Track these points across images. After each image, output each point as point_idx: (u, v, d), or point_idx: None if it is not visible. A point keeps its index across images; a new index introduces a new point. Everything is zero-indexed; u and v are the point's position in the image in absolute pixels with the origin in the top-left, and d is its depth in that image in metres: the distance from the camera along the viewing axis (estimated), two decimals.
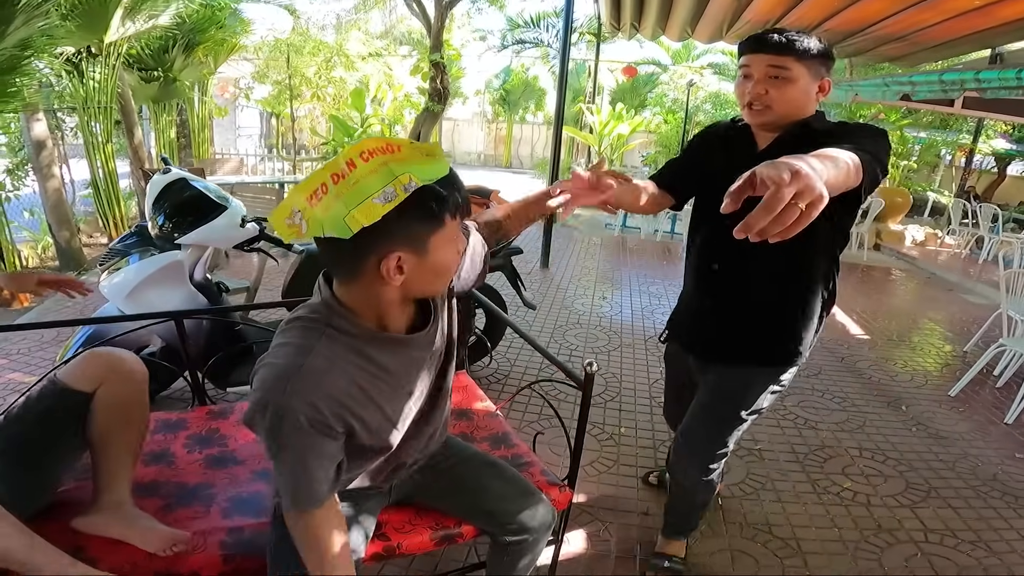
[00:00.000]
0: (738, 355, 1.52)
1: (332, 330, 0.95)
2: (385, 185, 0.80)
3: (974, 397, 3.46)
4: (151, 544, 1.11)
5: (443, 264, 0.94)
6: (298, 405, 0.88)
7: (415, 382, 1.08)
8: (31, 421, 1.18)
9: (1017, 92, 4.43)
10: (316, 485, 0.96)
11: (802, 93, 1.31)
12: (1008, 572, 1.96)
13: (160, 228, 2.12)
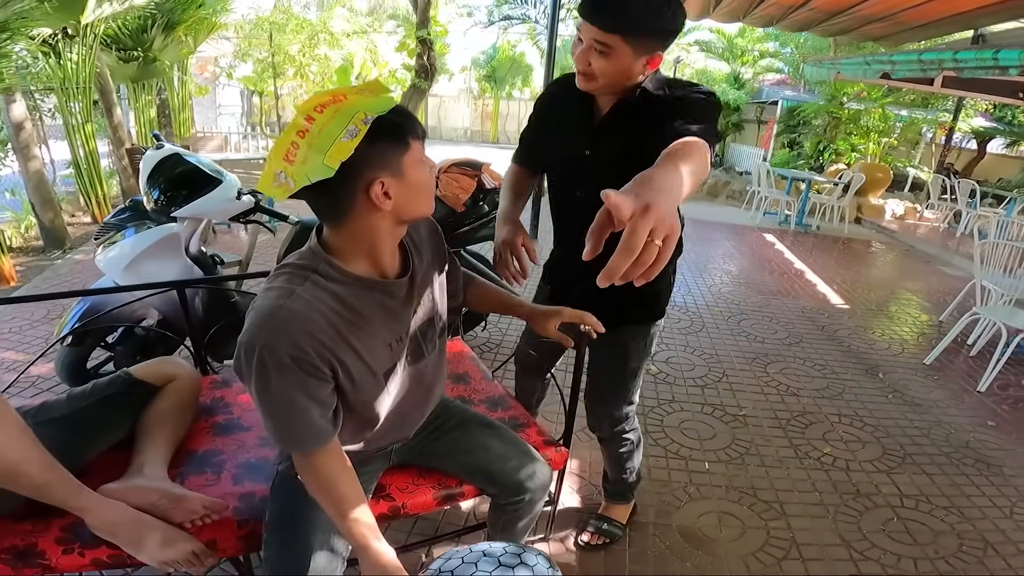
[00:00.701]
0: (620, 319, 1.56)
1: (316, 275, 1.01)
2: (346, 125, 0.89)
3: (948, 365, 3.59)
4: (182, 514, 1.15)
5: (420, 182, 1.01)
6: (281, 344, 0.93)
7: (390, 333, 1.11)
8: (96, 400, 1.31)
9: (994, 72, 4.51)
10: (313, 424, 1.00)
11: (624, 68, 1.27)
12: (980, 538, 2.04)
13: (155, 202, 2.13)
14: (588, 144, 1.42)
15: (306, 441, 1.02)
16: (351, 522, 1.03)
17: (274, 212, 2.27)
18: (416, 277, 1.15)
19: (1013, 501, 2.27)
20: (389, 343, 1.11)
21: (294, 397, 0.97)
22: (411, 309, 1.16)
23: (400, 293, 1.11)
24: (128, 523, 1.10)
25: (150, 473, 1.22)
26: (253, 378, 0.96)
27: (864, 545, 1.96)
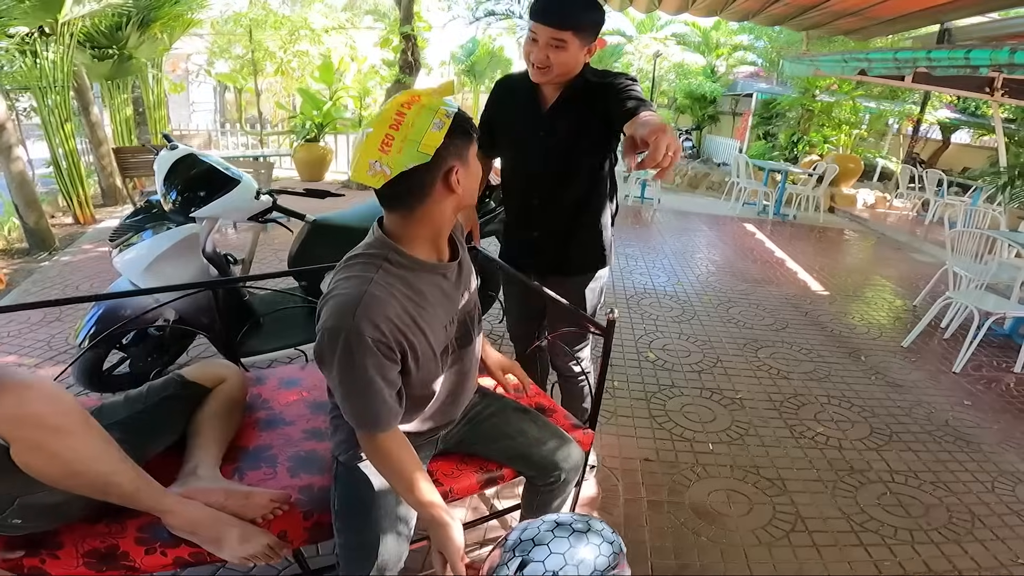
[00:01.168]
0: (572, 268, 1.89)
1: (387, 263, 1.10)
2: (433, 119, 1.02)
3: (924, 348, 3.78)
4: (252, 510, 1.20)
5: (477, 172, 1.16)
6: (365, 328, 1.02)
7: (446, 314, 1.21)
8: (155, 402, 1.36)
9: (965, 70, 4.72)
10: (384, 407, 1.09)
11: (574, 58, 1.61)
12: (968, 511, 2.18)
13: (173, 203, 2.15)
14: (542, 127, 1.73)
15: (381, 420, 1.10)
16: (422, 500, 1.11)
17: (291, 211, 2.31)
18: (463, 263, 1.27)
19: (993, 476, 2.41)
20: (445, 324, 1.21)
21: (373, 378, 1.05)
22: (460, 291, 1.26)
23: (452, 276, 1.22)
24: (208, 521, 1.15)
25: (205, 474, 1.26)
26: (337, 361, 1.04)
27: (863, 518, 2.10)
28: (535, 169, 1.79)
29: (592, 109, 1.65)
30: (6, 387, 0.96)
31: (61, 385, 1.06)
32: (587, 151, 1.74)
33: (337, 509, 1.24)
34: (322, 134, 7.95)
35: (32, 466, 0.98)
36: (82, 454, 1.02)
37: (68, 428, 1.01)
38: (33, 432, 0.97)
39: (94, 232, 5.15)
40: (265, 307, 2.61)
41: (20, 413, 0.96)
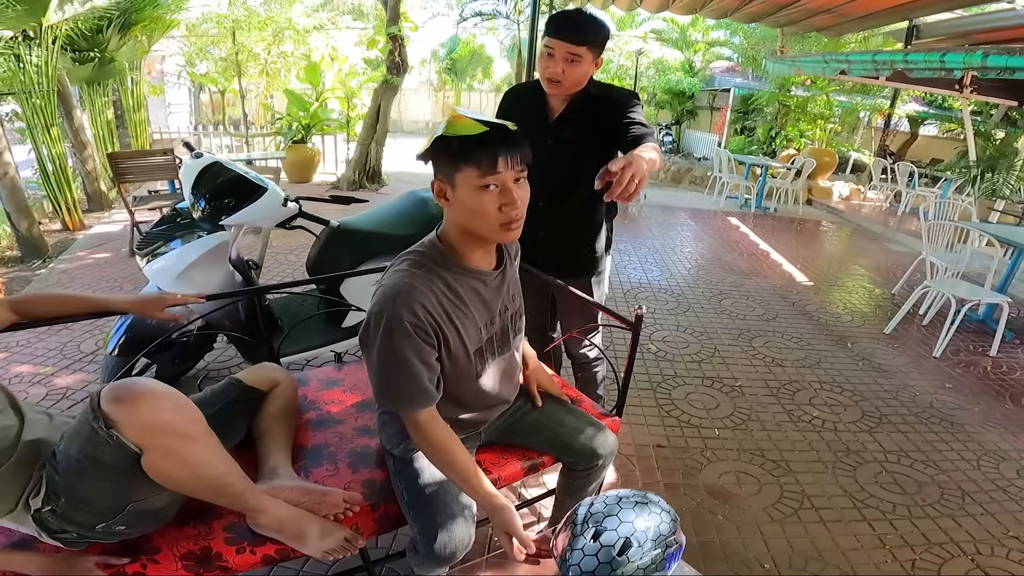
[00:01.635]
0: (579, 268, 2.04)
1: (431, 262, 1.22)
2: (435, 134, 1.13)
3: (905, 334, 3.99)
4: (327, 508, 1.28)
5: (468, 202, 1.14)
6: (403, 312, 1.14)
7: (483, 317, 1.31)
8: (220, 407, 1.43)
9: (940, 72, 4.97)
10: (422, 385, 1.18)
11: (586, 71, 1.76)
12: (957, 488, 2.34)
13: (202, 211, 2.20)
14: (549, 136, 1.85)
15: (415, 399, 1.19)
16: (476, 487, 1.23)
17: (315, 217, 2.38)
18: (506, 273, 1.37)
19: (978, 455, 2.58)
20: (479, 326, 1.31)
21: (411, 359, 1.16)
22: (500, 299, 1.36)
23: (492, 283, 1.32)
24: (293, 519, 1.23)
25: (285, 474, 1.35)
26: (378, 341, 1.16)
27: (863, 495, 2.26)
28: (542, 175, 1.81)
29: (595, 121, 1.80)
30: (140, 396, 1.02)
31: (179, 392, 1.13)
32: (591, 159, 1.81)
33: (407, 500, 1.33)
34: (309, 135, 7.93)
35: (163, 471, 1.04)
36: (207, 457, 1.10)
37: (197, 435, 1.08)
38: (168, 439, 1.03)
39: (85, 239, 5.11)
40: (283, 310, 2.68)
41: (156, 421, 1.02)
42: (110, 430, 0.99)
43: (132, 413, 1.00)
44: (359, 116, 8.51)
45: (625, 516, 1.06)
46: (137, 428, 1.00)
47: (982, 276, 4.33)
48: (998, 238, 3.94)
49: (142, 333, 2.24)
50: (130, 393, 1.02)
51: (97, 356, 2.94)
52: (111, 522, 1.09)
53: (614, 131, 1.76)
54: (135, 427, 1.00)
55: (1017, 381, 3.37)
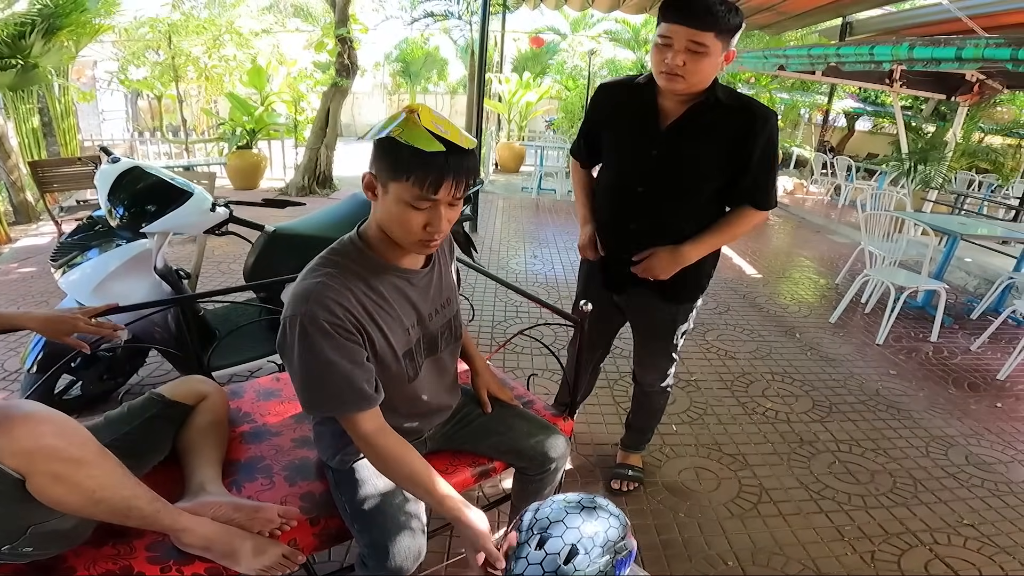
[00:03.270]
0: (666, 298, 1.81)
1: (348, 261, 1.15)
2: (387, 127, 1.04)
3: (849, 322, 4.10)
4: (259, 524, 1.19)
5: (394, 211, 1.09)
6: (319, 311, 1.06)
7: (410, 318, 1.24)
8: (138, 423, 1.33)
9: (870, 65, 5.17)
10: (355, 385, 1.09)
11: (714, 66, 1.42)
12: (908, 475, 2.36)
13: (121, 219, 2.05)
14: (656, 145, 1.58)
15: (346, 401, 1.10)
16: (441, 499, 1.13)
17: (249, 222, 2.26)
18: (434, 271, 1.30)
19: (926, 441, 2.63)
20: (407, 327, 1.24)
21: (334, 359, 1.07)
22: (429, 299, 1.29)
23: (420, 283, 1.26)
24: (221, 537, 1.14)
25: (213, 489, 1.26)
26: (296, 346, 1.07)
27: (819, 486, 2.26)
28: (640, 189, 1.63)
29: (720, 137, 1.51)
30: (15, 420, 0.94)
31: (69, 416, 1.04)
32: (705, 180, 1.58)
33: (350, 513, 1.26)
34: (255, 141, 7.66)
35: (53, 497, 0.97)
36: (103, 481, 1.02)
37: (87, 458, 1.00)
38: (52, 465, 0.96)
39: (11, 252, 4.77)
40: (221, 321, 2.54)
41: (36, 446, 0.94)
42: None
43: (8, 439, 0.92)
44: (308, 120, 8.27)
45: (572, 522, 1.00)
46: (14, 454, 0.92)
47: (919, 264, 4.49)
48: (932, 227, 4.09)
49: (60, 348, 2.07)
50: (5, 418, 0.94)
51: (21, 374, 2.74)
52: (15, 544, 1.00)
53: (738, 161, 1.50)
54: (12, 453, 0.92)
55: (958, 366, 3.48)
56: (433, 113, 1.06)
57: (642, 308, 1.90)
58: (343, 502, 1.28)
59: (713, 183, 1.59)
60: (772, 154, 1.57)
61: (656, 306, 1.83)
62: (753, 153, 1.51)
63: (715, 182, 1.59)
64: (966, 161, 8.32)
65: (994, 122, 10.70)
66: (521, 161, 11.02)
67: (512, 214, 7.24)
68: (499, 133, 11.95)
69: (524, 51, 15.52)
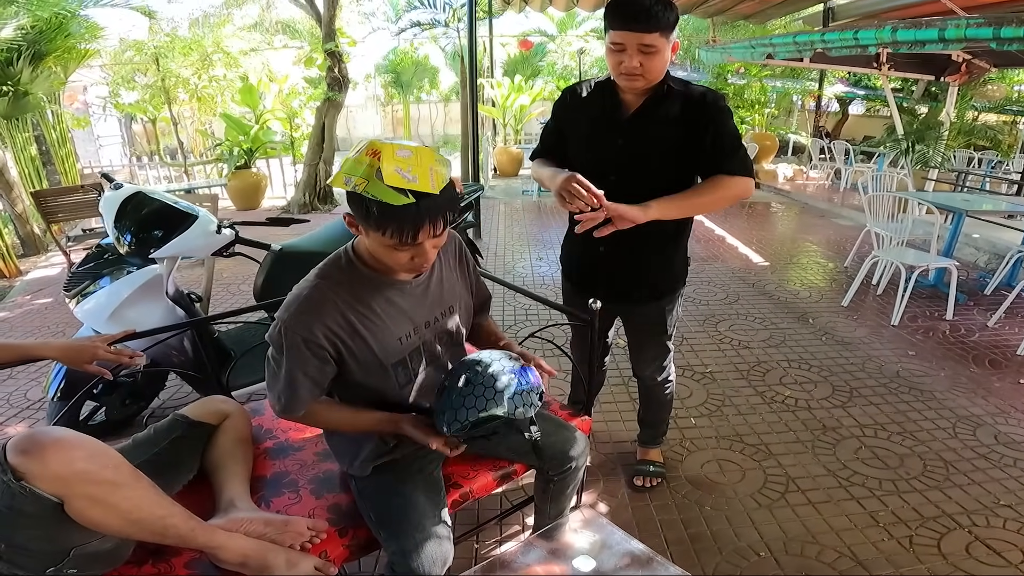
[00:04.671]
0: (649, 296, 1.86)
1: (338, 273, 1.20)
2: (353, 175, 1.04)
3: (862, 305, 4.07)
4: (290, 538, 1.20)
5: (376, 252, 1.16)
6: (296, 327, 1.14)
7: (404, 328, 1.26)
8: (165, 444, 1.37)
9: (856, 49, 5.18)
10: (295, 398, 1.19)
11: (665, 61, 1.53)
12: (938, 457, 2.31)
13: (129, 246, 2.05)
14: (621, 134, 1.65)
15: (287, 408, 1.21)
16: (368, 425, 1.28)
17: (255, 242, 2.26)
18: (432, 279, 1.30)
19: (952, 422, 2.57)
20: (398, 337, 1.25)
21: (292, 370, 1.16)
22: (426, 306, 1.29)
23: (414, 291, 1.26)
24: (256, 552, 1.15)
25: (243, 506, 1.27)
26: (272, 345, 1.17)
27: (847, 473, 2.23)
28: (612, 177, 1.64)
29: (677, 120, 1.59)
30: (47, 447, 0.97)
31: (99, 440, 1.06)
32: (669, 162, 1.65)
33: (375, 521, 1.26)
34: (252, 160, 7.68)
35: (92, 519, 0.99)
36: (139, 502, 1.04)
37: (121, 480, 1.02)
38: (87, 488, 0.98)
39: (23, 285, 4.80)
40: (234, 341, 2.54)
41: (69, 471, 0.97)
42: (20, 482, 0.94)
43: (42, 464, 0.95)
44: (304, 136, 8.30)
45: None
46: (49, 479, 0.95)
47: (926, 243, 4.48)
48: (936, 205, 4.07)
49: (82, 375, 2.07)
50: (36, 444, 0.96)
51: (45, 403, 2.76)
52: (60, 566, 1.04)
53: (697, 140, 1.58)
54: (47, 478, 0.95)
55: (977, 343, 3.44)
56: (396, 155, 1.04)
57: (627, 306, 1.92)
58: (368, 511, 1.29)
59: (680, 163, 1.66)
60: (726, 121, 1.62)
61: (641, 305, 1.88)
62: (707, 127, 1.59)
63: (682, 162, 1.66)
64: (963, 139, 8.29)
65: (987, 100, 10.67)
66: (520, 165, 11.02)
67: (514, 218, 7.24)
68: (495, 138, 11.97)
69: (513, 55, 15.56)
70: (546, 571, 1.27)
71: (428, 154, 1.08)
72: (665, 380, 2.08)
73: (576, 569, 1.24)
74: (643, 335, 1.99)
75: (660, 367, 2.04)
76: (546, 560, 1.29)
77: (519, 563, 1.28)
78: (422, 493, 1.30)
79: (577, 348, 2.15)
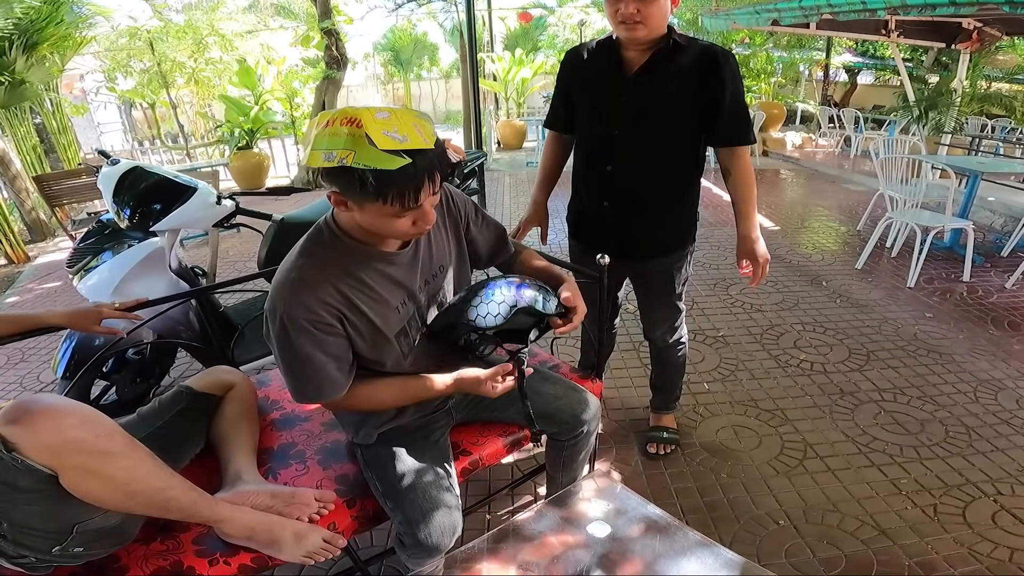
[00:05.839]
0: (656, 251, 1.82)
1: (323, 249, 1.13)
2: (332, 149, 0.95)
3: (876, 267, 3.99)
4: (297, 510, 1.17)
5: (372, 224, 1.08)
6: (295, 307, 1.07)
7: (398, 296, 1.20)
8: (170, 416, 1.34)
9: (864, 14, 5.00)
10: (330, 377, 1.12)
11: (665, 8, 1.47)
12: (960, 423, 2.23)
13: (129, 220, 2.02)
14: (624, 92, 1.60)
15: (323, 392, 1.14)
16: (428, 394, 1.23)
17: (256, 212, 2.22)
18: (420, 244, 1.23)
19: (973, 386, 2.49)
20: (395, 307, 1.20)
21: (312, 352, 1.09)
22: (417, 272, 1.23)
23: (402, 260, 1.19)
24: (262, 525, 1.12)
25: (249, 478, 1.24)
26: (276, 341, 1.10)
27: (866, 439, 2.16)
28: (616, 132, 1.64)
29: (685, 77, 1.53)
30: (37, 415, 0.92)
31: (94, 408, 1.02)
32: (677, 119, 1.61)
33: (381, 491, 1.23)
34: (254, 140, 7.62)
35: (88, 492, 0.95)
36: (136, 473, 0.99)
37: (116, 449, 0.98)
38: (81, 458, 0.93)
39: (31, 270, 4.82)
40: (240, 315, 2.52)
41: (62, 440, 0.92)
42: (12, 453, 0.89)
43: (32, 433, 0.90)
44: (304, 116, 8.21)
45: None
46: (41, 449, 0.90)
47: (941, 206, 4.38)
48: (951, 167, 3.96)
49: (89, 353, 2.06)
50: (26, 412, 0.91)
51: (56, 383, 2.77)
52: (65, 544, 1.00)
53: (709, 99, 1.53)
54: (38, 448, 0.90)
55: (996, 305, 3.36)
56: (377, 118, 0.96)
57: (635, 264, 1.88)
58: (373, 480, 1.26)
59: (684, 123, 1.62)
60: (741, 89, 1.60)
61: (648, 261, 1.85)
62: (723, 90, 1.54)
63: (686, 122, 1.62)
64: (976, 106, 8.08)
65: (998, 68, 10.39)
66: (523, 137, 10.96)
67: (520, 189, 7.18)
68: (498, 112, 11.84)
69: (513, 28, 15.29)
70: (560, 538, 1.23)
71: (406, 111, 1.02)
72: (677, 342, 2.04)
73: (591, 535, 1.21)
74: (652, 295, 1.94)
75: (671, 328, 1.99)
76: (560, 527, 1.26)
77: (532, 530, 1.24)
78: (428, 461, 1.27)
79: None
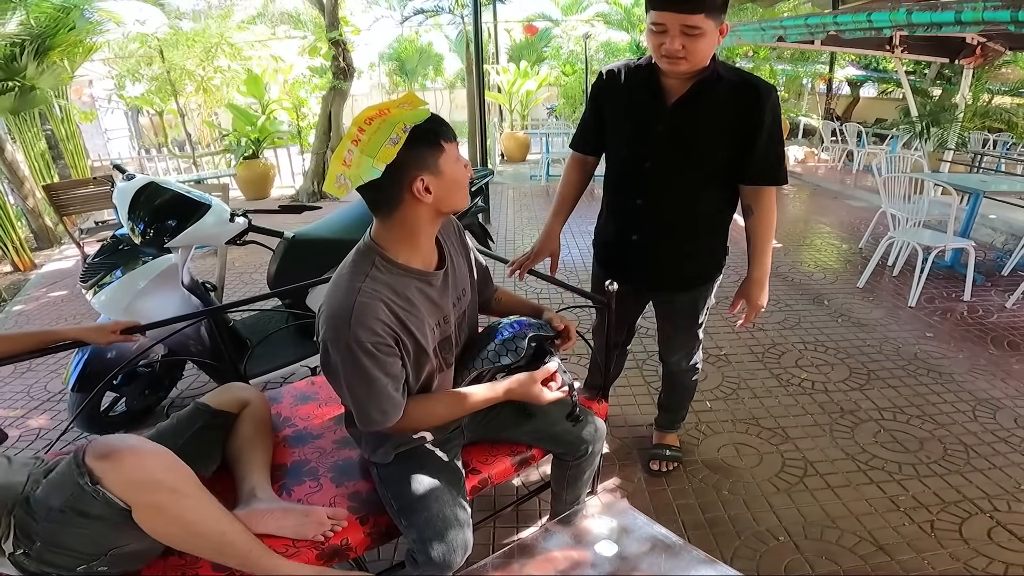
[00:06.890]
0: (681, 286, 1.83)
1: (374, 270, 1.16)
2: (390, 134, 1.05)
3: (877, 286, 4.02)
4: (312, 529, 1.21)
5: (454, 178, 1.16)
6: (363, 334, 1.10)
7: (435, 317, 1.26)
8: (189, 435, 1.37)
9: (870, 32, 5.07)
10: (390, 403, 1.17)
11: (711, 44, 1.43)
12: (958, 441, 2.28)
13: (143, 236, 2.05)
14: (661, 121, 1.58)
15: (388, 414, 1.18)
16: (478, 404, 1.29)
17: (268, 230, 2.25)
18: (449, 268, 1.30)
19: (972, 405, 2.53)
20: (432, 326, 1.25)
21: (377, 376, 1.13)
22: (448, 295, 1.30)
23: (438, 283, 1.26)
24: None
25: (263, 495, 1.28)
26: (342, 368, 1.13)
27: (866, 456, 2.20)
28: (648, 164, 1.63)
29: (725, 112, 1.52)
30: (125, 454, 1.02)
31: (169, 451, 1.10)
32: (711, 152, 1.59)
33: (396, 509, 1.26)
34: (260, 150, 7.68)
35: (156, 527, 1.03)
36: (202, 515, 1.07)
37: (186, 491, 1.06)
38: (158, 496, 1.02)
39: (38, 278, 4.85)
40: (249, 329, 2.55)
41: (143, 478, 1.01)
42: (96, 485, 0.99)
43: (117, 470, 1.00)
44: (311, 126, 8.29)
45: None
46: (123, 485, 1.00)
47: (943, 224, 4.39)
48: (953, 185, 4.00)
49: (100, 366, 2.11)
50: (114, 451, 1.02)
51: (65, 394, 2.80)
52: (92, 564, 1.06)
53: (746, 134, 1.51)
54: (120, 483, 1.00)
55: (996, 324, 3.39)
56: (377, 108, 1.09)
57: (661, 295, 1.90)
58: (388, 498, 1.29)
59: (720, 157, 1.59)
60: (779, 127, 1.57)
61: (674, 293, 1.86)
62: (761, 126, 1.51)
63: (722, 156, 1.59)
64: (979, 121, 8.14)
65: (1001, 82, 10.46)
66: (527, 150, 10.99)
67: (523, 203, 7.21)
68: (502, 124, 11.91)
69: (519, 40, 15.41)
70: (567, 557, 1.26)
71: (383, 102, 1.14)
72: (692, 368, 2.06)
73: (598, 554, 1.24)
74: (673, 323, 1.96)
75: (688, 355, 2.01)
76: (567, 546, 1.29)
77: (540, 549, 1.27)
78: (443, 480, 1.30)
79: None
